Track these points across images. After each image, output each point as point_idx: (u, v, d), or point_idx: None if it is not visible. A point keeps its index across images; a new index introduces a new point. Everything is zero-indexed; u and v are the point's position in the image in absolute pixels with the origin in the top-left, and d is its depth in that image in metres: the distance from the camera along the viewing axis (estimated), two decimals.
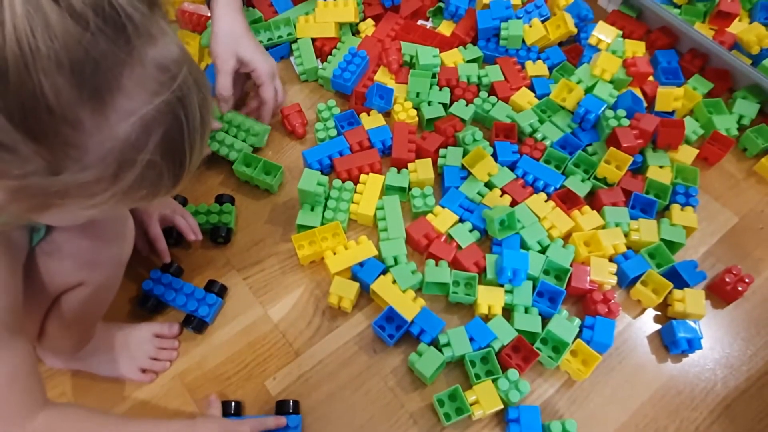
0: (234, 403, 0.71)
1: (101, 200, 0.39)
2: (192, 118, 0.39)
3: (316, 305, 0.80)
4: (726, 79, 0.98)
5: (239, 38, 0.84)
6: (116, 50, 0.34)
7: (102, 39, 0.33)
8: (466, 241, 0.82)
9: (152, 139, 0.37)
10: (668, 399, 0.75)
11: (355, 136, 0.89)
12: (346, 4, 0.99)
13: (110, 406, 0.72)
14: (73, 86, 0.33)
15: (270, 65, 0.87)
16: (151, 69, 0.36)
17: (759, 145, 0.92)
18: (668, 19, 1.01)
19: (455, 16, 1.03)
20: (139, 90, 0.36)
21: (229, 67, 0.84)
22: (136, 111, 0.36)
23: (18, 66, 0.31)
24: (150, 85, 0.36)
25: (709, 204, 0.90)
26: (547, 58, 1.00)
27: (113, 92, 0.35)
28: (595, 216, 0.84)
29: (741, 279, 0.81)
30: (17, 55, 0.31)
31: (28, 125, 0.33)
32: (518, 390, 0.71)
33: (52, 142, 0.34)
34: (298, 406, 0.72)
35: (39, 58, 0.31)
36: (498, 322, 0.76)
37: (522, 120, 0.92)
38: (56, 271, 0.57)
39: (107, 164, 0.37)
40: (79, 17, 0.32)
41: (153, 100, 0.36)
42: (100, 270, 0.60)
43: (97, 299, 0.64)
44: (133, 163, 0.37)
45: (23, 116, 0.33)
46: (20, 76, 0.31)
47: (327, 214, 0.83)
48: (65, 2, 0.32)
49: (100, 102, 0.35)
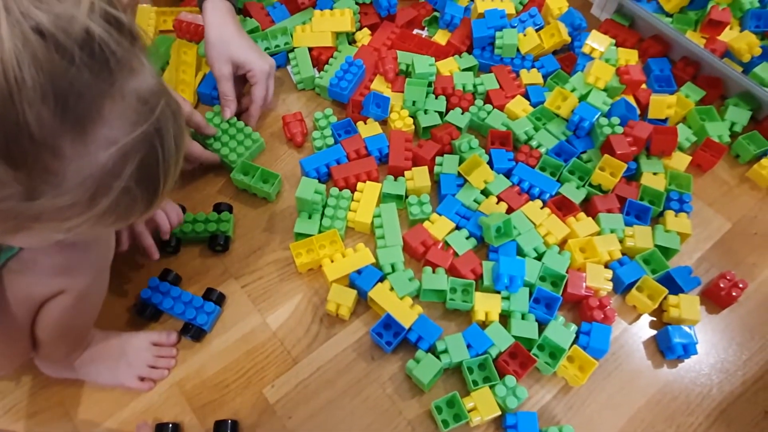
0: (231, 422, 0.71)
1: (75, 224, 0.39)
2: (167, 147, 0.41)
3: (314, 313, 0.80)
4: (718, 87, 0.99)
5: (230, 41, 0.86)
6: (99, 83, 0.36)
7: (86, 72, 0.35)
8: (463, 248, 0.82)
9: (129, 167, 0.38)
10: (664, 404, 0.76)
11: (352, 144, 0.90)
12: (342, 14, 1.00)
13: (108, 414, 0.72)
14: (56, 116, 0.34)
15: (266, 64, 0.88)
16: (131, 100, 0.38)
17: (751, 152, 0.93)
18: (660, 28, 1.02)
19: (450, 25, 1.04)
20: (119, 121, 0.37)
21: (226, 72, 0.85)
22: (115, 140, 0.37)
23: (3, 96, 0.32)
24: (130, 115, 0.37)
25: (702, 210, 0.91)
26: (542, 66, 1.01)
27: (95, 122, 0.36)
28: (591, 222, 0.84)
29: (735, 284, 0.81)
30: (2, 86, 0.32)
31: (9, 152, 0.34)
32: (516, 396, 0.71)
33: (31, 169, 0.35)
34: (237, 426, 0.71)
35: (24, 89, 0.32)
36: (495, 329, 0.76)
37: (517, 128, 0.92)
38: (33, 282, 0.57)
39: (84, 190, 0.37)
40: (64, 51, 0.33)
41: (132, 131, 0.37)
42: (80, 276, 0.59)
43: (83, 306, 0.63)
44: (109, 190, 0.38)
45: (5, 143, 0.33)
46: (4, 106, 0.32)
47: (324, 221, 0.84)
48: (52, 37, 0.33)
49: (82, 131, 0.36)
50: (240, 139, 0.90)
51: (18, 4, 0.32)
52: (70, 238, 0.42)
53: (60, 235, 0.41)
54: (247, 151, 0.89)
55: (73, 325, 0.65)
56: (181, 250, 0.84)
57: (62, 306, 0.59)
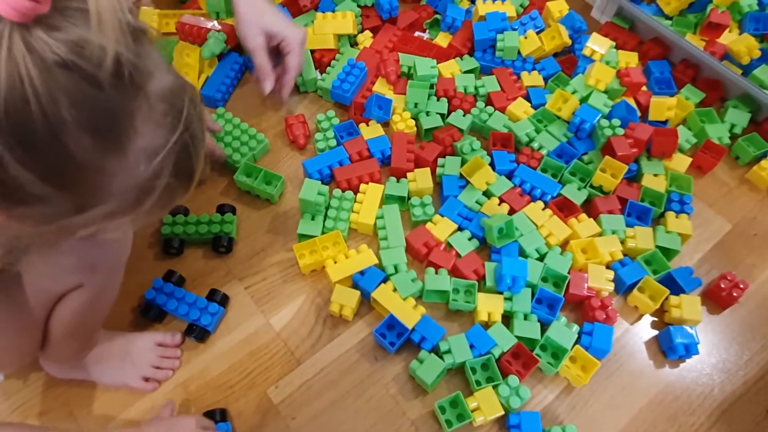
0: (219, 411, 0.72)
1: (122, 223, 0.42)
2: (196, 137, 0.42)
3: (317, 313, 0.80)
4: (717, 89, 1.00)
5: (262, 13, 0.85)
6: (128, 100, 0.37)
7: (114, 93, 0.35)
8: (466, 249, 0.83)
9: (167, 167, 0.40)
10: (666, 404, 0.76)
11: (354, 146, 0.90)
12: (344, 17, 1.00)
13: (113, 415, 0.72)
14: (96, 142, 0.35)
15: (299, 32, 0.88)
16: (156, 103, 0.39)
17: (751, 153, 0.94)
18: (660, 30, 1.03)
19: (452, 27, 1.05)
20: (152, 129, 0.39)
21: (260, 42, 0.85)
22: (152, 149, 0.39)
23: (46, 134, 0.33)
24: (160, 121, 0.39)
25: (703, 211, 0.91)
26: (543, 68, 1.01)
27: (130, 137, 0.37)
28: (592, 224, 0.85)
29: (736, 285, 0.82)
30: (44, 124, 0.33)
31: (58, 180, 0.36)
32: (519, 396, 0.72)
33: (79, 189, 0.37)
34: (225, 413, 0.72)
35: (65, 125, 0.33)
36: (498, 329, 0.77)
37: (518, 129, 0.93)
38: (54, 275, 0.58)
39: (129, 196, 0.40)
40: (92, 79, 0.34)
41: (165, 135, 0.39)
42: (99, 271, 0.60)
43: (99, 301, 0.64)
44: (153, 190, 0.41)
45: (51, 171, 0.35)
46: (48, 142, 0.34)
47: (327, 223, 0.84)
48: (77, 68, 0.33)
49: (121, 148, 0.37)
50: (244, 140, 0.91)
51: (35, 40, 0.32)
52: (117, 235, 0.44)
53: (112, 234, 0.44)
54: (251, 152, 0.90)
55: (87, 320, 0.65)
56: (185, 252, 0.84)
57: (79, 300, 0.60)
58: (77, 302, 0.61)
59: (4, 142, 0.32)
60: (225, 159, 0.89)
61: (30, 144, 0.33)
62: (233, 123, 0.92)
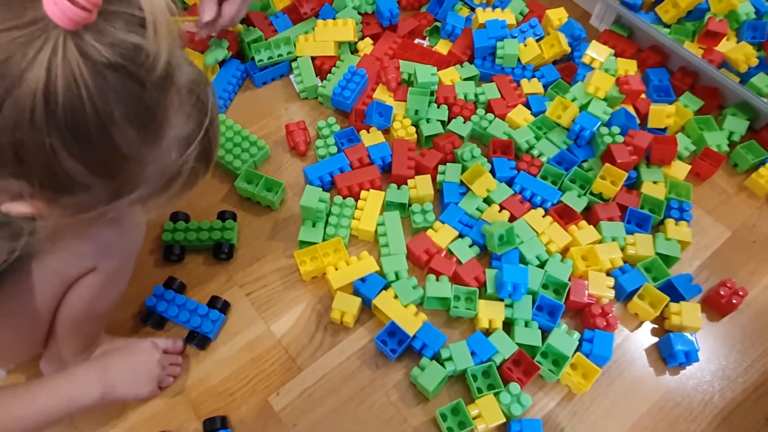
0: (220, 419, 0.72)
1: (151, 205, 0.46)
2: (214, 121, 0.46)
3: (318, 320, 0.80)
4: (716, 97, 1.00)
5: None
6: (164, 95, 0.40)
7: (153, 89, 0.38)
8: (466, 256, 0.83)
9: (193, 152, 0.44)
10: (667, 411, 0.77)
11: (355, 153, 0.91)
12: (345, 24, 1.01)
13: (114, 422, 0.72)
14: (139, 134, 0.39)
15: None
16: (185, 97, 0.42)
17: (749, 161, 0.95)
18: (658, 39, 1.04)
19: (452, 35, 1.05)
20: (181, 117, 0.42)
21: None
22: (181, 135, 0.43)
23: (97, 129, 0.36)
24: (188, 111, 0.43)
25: (702, 218, 0.92)
26: (542, 76, 1.02)
27: (164, 128, 0.41)
28: (592, 231, 0.85)
29: (735, 292, 0.82)
30: (96, 120, 0.36)
31: (105, 170, 0.39)
32: (520, 403, 0.72)
33: (120, 177, 0.41)
34: (226, 421, 0.72)
35: (114, 120, 0.37)
36: (499, 336, 0.77)
37: (519, 137, 0.93)
38: (67, 259, 0.58)
39: (160, 181, 0.43)
40: (137, 78, 0.37)
41: (193, 124, 0.43)
42: (114, 255, 0.61)
43: (109, 288, 0.64)
44: (180, 175, 0.45)
45: (101, 163, 0.39)
46: (100, 137, 0.37)
47: (328, 230, 0.84)
48: (124, 69, 0.36)
49: (158, 139, 0.41)
50: (245, 146, 0.91)
51: (86, 45, 0.35)
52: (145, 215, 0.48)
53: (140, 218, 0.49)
54: (251, 159, 0.90)
55: (96, 309, 0.65)
56: (186, 258, 0.84)
57: (91, 285, 0.61)
58: (89, 287, 0.61)
59: (62, 138, 0.36)
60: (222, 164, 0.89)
61: (84, 138, 0.36)
62: (234, 129, 0.92)
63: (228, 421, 0.72)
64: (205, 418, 0.72)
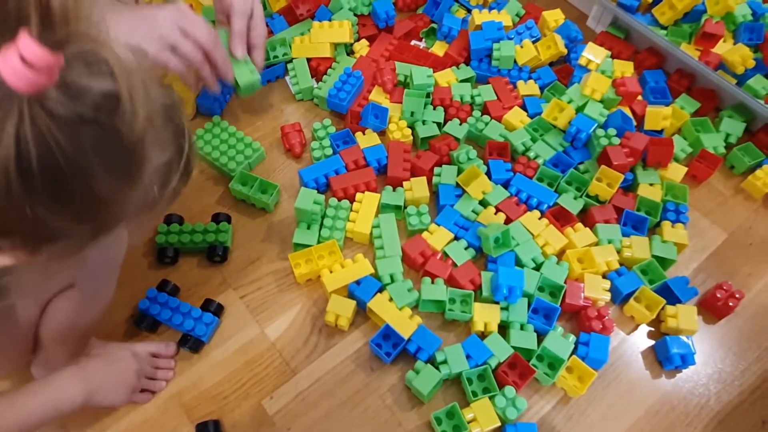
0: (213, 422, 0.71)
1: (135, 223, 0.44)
2: (191, 142, 0.44)
3: (313, 323, 0.80)
4: (712, 99, 1.00)
5: None
6: (139, 133, 0.37)
7: (129, 133, 0.36)
8: (462, 259, 0.82)
9: (174, 174, 0.43)
10: (663, 414, 0.76)
11: (350, 154, 0.90)
12: (341, 25, 1.01)
13: (105, 426, 0.72)
14: (120, 179, 0.38)
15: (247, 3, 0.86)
16: (160, 126, 0.39)
17: (746, 163, 0.94)
18: (655, 40, 1.04)
19: (448, 36, 1.05)
20: (158, 149, 0.40)
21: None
22: (159, 165, 0.41)
23: (79, 186, 0.35)
24: (162, 139, 0.40)
25: (698, 221, 0.91)
26: (539, 78, 1.02)
27: (144, 165, 0.39)
28: (588, 233, 0.85)
29: (731, 295, 0.82)
30: (74, 177, 0.35)
31: (88, 218, 0.38)
32: (515, 407, 0.71)
33: (102, 218, 0.40)
34: (219, 425, 0.72)
35: (92, 172, 0.35)
36: (494, 339, 0.76)
37: (515, 139, 0.93)
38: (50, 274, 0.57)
39: (142, 206, 0.42)
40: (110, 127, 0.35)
41: (171, 150, 0.41)
42: (94, 273, 0.60)
43: (90, 303, 0.64)
44: (163, 195, 0.43)
45: (85, 214, 0.37)
46: (83, 192, 0.36)
47: (323, 232, 0.84)
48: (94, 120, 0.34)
49: (138, 177, 0.39)
50: (240, 148, 0.90)
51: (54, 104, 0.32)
52: None
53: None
54: (246, 160, 0.90)
55: (80, 322, 0.65)
56: (180, 261, 0.83)
57: (71, 300, 0.60)
58: (68, 303, 0.60)
59: (43, 203, 0.34)
60: (221, 167, 0.89)
61: (65, 197, 0.35)
62: (229, 131, 0.92)
63: (221, 425, 0.72)
64: (198, 422, 0.72)
